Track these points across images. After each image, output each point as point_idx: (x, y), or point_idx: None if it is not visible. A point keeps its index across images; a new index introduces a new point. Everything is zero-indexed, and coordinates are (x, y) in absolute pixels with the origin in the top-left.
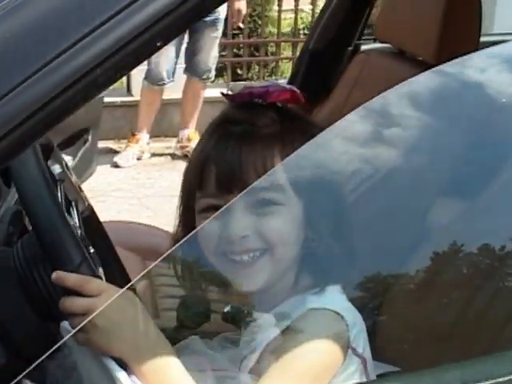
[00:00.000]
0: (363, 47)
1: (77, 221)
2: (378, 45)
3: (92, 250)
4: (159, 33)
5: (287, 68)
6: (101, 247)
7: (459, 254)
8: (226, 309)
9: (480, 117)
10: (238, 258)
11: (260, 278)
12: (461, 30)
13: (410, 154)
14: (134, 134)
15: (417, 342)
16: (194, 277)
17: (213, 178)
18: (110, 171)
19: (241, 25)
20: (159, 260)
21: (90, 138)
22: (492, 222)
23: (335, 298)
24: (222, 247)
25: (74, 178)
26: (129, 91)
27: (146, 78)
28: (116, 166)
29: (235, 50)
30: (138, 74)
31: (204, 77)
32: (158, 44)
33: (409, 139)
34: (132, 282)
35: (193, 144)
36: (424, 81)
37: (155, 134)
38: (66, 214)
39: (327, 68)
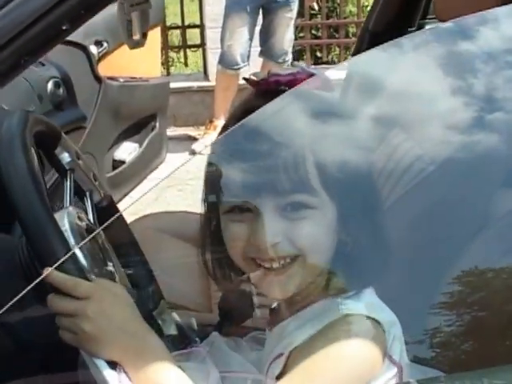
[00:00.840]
0: (427, 27)
1: (90, 210)
2: (443, 24)
3: (101, 241)
4: (64, 15)
5: None
6: (119, 239)
7: None
8: (274, 305)
9: None
10: (268, 265)
11: (291, 286)
12: None
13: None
14: (211, 121)
15: (465, 347)
16: (226, 278)
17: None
18: (187, 159)
19: (315, 5)
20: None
21: (157, 124)
22: None
23: (371, 303)
24: (251, 253)
25: (88, 168)
26: (206, 76)
27: (219, 62)
28: (194, 153)
29: (314, 32)
30: (214, 57)
31: (280, 60)
32: (64, 27)
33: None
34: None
35: None
36: None
37: None
38: (70, 206)
39: None
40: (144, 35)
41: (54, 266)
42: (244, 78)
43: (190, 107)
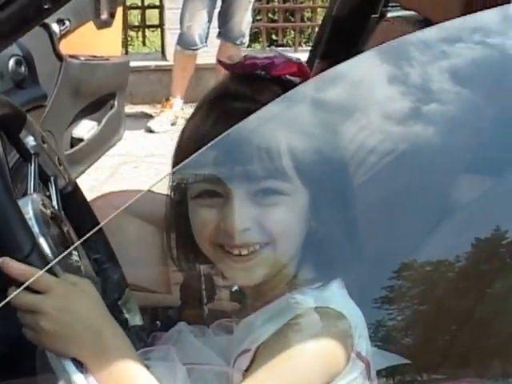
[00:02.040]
0: (389, 15)
1: (54, 196)
2: (404, 12)
3: (66, 229)
4: None
5: None
6: (83, 224)
7: (481, 242)
8: (235, 287)
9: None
10: (236, 252)
11: (258, 274)
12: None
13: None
14: (167, 100)
15: (425, 336)
16: (190, 263)
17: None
18: (143, 136)
19: None
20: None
21: (116, 103)
22: None
23: (338, 296)
24: (219, 239)
25: (53, 152)
26: (163, 55)
27: (178, 43)
28: (150, 131)
29: (270, 15)
30: (172, 38)
31: (238, 42)
32: (46, 6)
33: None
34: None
35: None
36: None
37: (190, 100)
38: (37, 194)
39: (351, 36)
40: (112, 15)
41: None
42: (218, 61)
43: (148, 86)
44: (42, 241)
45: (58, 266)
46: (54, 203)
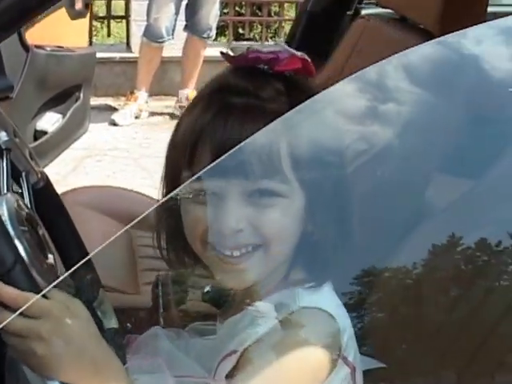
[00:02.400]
0: (364, 12)
1: (26, 193)
2: (379, 10)
3: (42, 232)
4: None
5: None
6: (55, 220)
7: (457, 245)
8: (207, 288)
9: (479, 93)
10: (228, 253)
11: (249, 276)
12: None
13: (406, 130)
14: (132, 92)
15: (408, 341)
16: (181, 263)
17: (206, 156)
18: (107, 129)
19: None
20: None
21: (81, 95)
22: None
23: (328, 298)
24: (210, 238)
25: (25, 146)
26: (128, 47)
27: (144, 35)
28: (114, 124)
29: (237, 9)
30: (138, 29)
31: (204, 35)
32: None
33: (405, 115)
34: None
35: None
36: (423, 52)
37: (155, 93)
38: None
39: (325, 32)
40: (86, 6)
41: None
42: (221, 53)
43: (112, 78)
44: (17, 243)
45: (38, 277)
46: (26, 200)
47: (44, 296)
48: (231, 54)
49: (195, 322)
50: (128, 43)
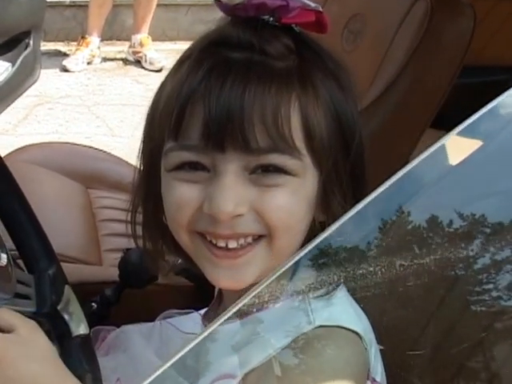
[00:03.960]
0: None
1: None
2: None
3: None
4: None
5: None
6: (9, 208)
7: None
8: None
9: None
10: (222, 244)
11: (248, 274)
12: None
13: None
14: (83, 37)
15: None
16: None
17: (197, 124)
18: (58, 76)
19: None
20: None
21: (31, 42)
22: None
23: (347, 307)
24: (200, 225)
25: None
26: None
27: None
28: (65, 70)
29: None
30: None
31: None
32: None
33: None
34: None
35: (146, 50)
36: None
37: (106, 38)
38: None
39: None
40: None
41: None
42: (216, 1)
43: (62, 22)
44: None
45: None
46: None
47: None
48: (228, 2)
49: (169, 308)
50: None
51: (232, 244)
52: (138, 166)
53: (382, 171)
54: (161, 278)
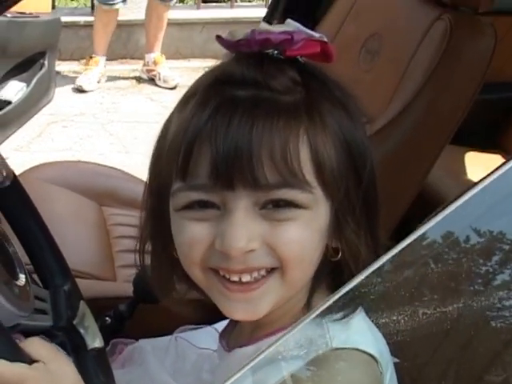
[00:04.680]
0: None
1: None
2: None
3: (12, 249)
4: None
5: None
6: (23, 222)
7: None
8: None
9: None
10: (236, 278)
11: (263, 306)
12: None
13: None
14: (91, 57)
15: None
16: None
17: (205, 164)
18: (72, 94)
19: None
20: None
21: (46, 62)
22: None
23: (364, 331)
24: (214, 261)
25: None
26: (93, 11)
27: None
28: (79, 89)
29: None
30: None
31: None
32: None
33: None
34: None
35: (159, 68)
36: None
37: (121, 56)
38: None
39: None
40: None
41: None
42: (218, 38)
43: (77, 42)
44: None
45: (9, 306)
46: None
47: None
48: (229, 38)
49: (182, 321)
50: (92, 7)
51: (245, 278)
52: (145, 203)
53: (400, 188)
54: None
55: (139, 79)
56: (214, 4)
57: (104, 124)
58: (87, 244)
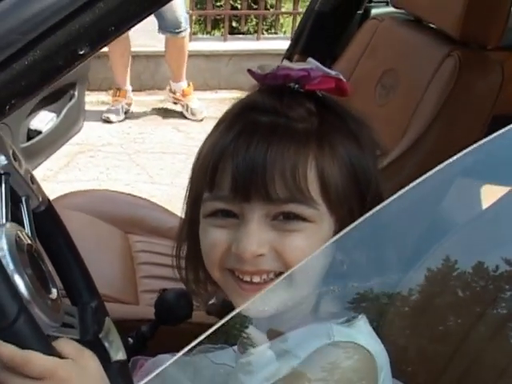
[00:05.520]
0: (374, 11)
1: (26, 220)
2: (390, 9)
3: (44, 267)
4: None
5: (287, 23)
6: (56, 245)
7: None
8: (212, 300)
9: None
10: (248, 279)
11: (271, 306)
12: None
13: None
14: (118, 89)
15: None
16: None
17: (228, 178)
18: (100, 124)
19: None
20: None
21: (76, 93)
22: None
23: (365, 332)
24: (230, 263)
25: (24, 169)
26: None
27: None
28: (107, 121)
29: (231, 2)
30: None
31: (179, 30)
32: (82, 52)
33: None
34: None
35: (188, 100)
36: None
37: (149, 87)
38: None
39: (334, 32)
40: None
41: None
42: (248, 71)
43: (105, 72)
44: (17, 279)
45: (42, 315)
46: (27, 227)
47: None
48: (259, 71)
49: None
50: None
51: (256, 279)
52: (184, 210)
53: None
54: (194, 317)
55: (166, 110)
56: (241, 36)
57: (131, 154)
58: (112, 269)
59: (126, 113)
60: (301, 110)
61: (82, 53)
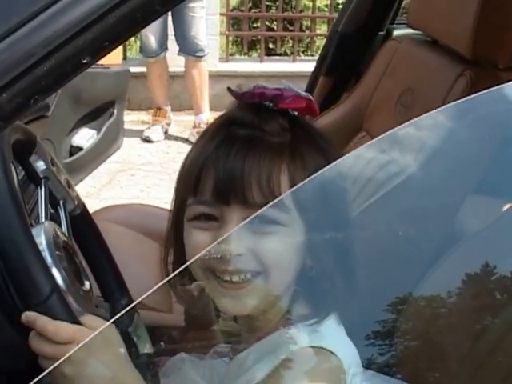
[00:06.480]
0: (395, 33)
1: (64, 221)
2: (410, 31)
3: (79, 261)
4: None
5: (322, 44)
6: (91, 247)
7: (491, 273)
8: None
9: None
10: (227, 278)
11: (249, 303)
12: (498, 22)
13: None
14: (159, 109)
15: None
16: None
17: (209, 184)
18: (140, 144)
19: None
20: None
21: (115, 111)
22: None
23: (332, 333)
24: (211, 263)
25: (63, 175)
26: None
27: (141, 53)
28: (147, 140)
29: (267, 23)
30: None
31: (197, 54)
32: (85, 61)
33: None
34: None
35: None
36: None
37: (188, 107)
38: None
39: (357, 53)
40: None
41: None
42: (228, 89)
43: (145, 92)
44: (55, 272)
45: (75, 303)
46: (64, 228)
47: (77, 322)
48: (237, 90)
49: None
50: None
51: (235, 278)
52: (169, 216)
53: None
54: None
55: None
56: (277, 57)
57: (170, 173)
58: (148, 280)
59: (165, 132)
60: (275, 125)
61: (85, 61)
